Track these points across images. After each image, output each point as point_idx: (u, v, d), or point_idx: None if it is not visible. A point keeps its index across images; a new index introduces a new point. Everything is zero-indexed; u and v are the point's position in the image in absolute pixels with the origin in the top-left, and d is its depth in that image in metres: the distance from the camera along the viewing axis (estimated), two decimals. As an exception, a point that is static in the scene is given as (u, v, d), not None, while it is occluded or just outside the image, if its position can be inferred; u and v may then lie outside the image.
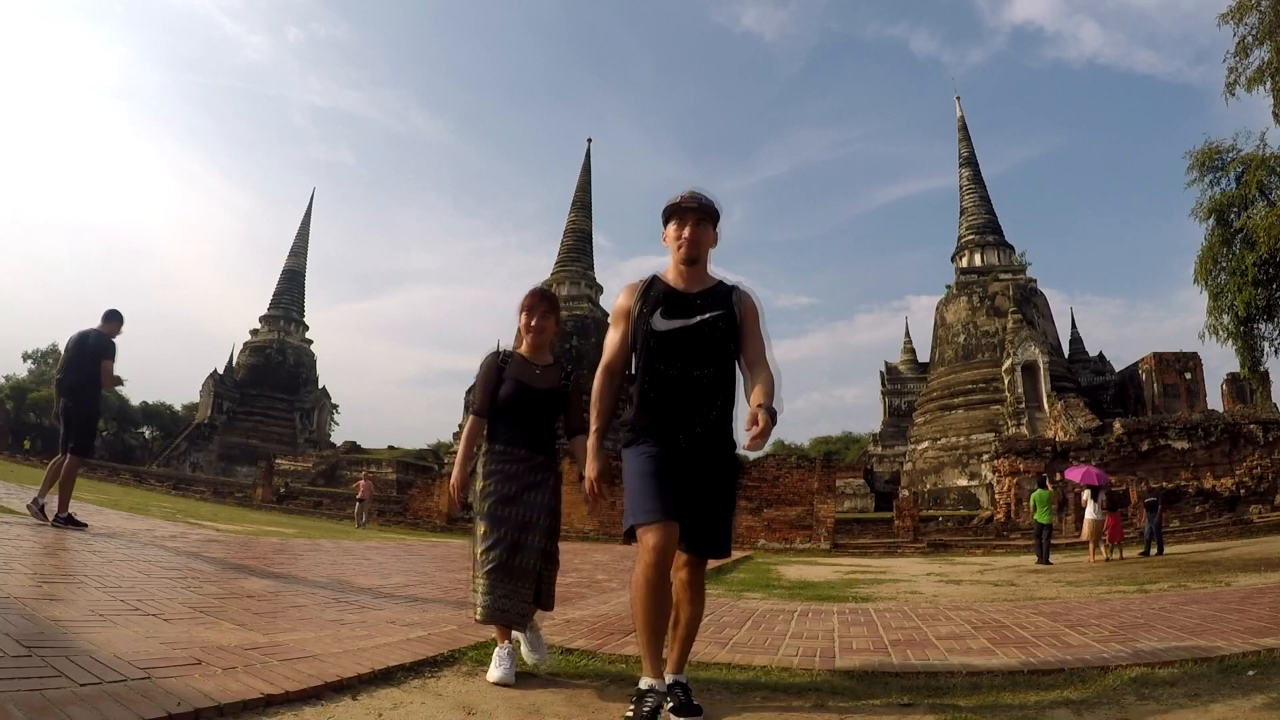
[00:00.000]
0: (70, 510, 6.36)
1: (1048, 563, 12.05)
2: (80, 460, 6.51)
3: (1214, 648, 3.20)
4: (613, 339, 2.44)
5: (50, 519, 6.25)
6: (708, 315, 2.32)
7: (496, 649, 2.70)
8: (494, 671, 2.59)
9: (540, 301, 3.01)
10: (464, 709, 2.24)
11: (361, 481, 21.43)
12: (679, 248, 2.37)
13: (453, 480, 2.93)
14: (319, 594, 4.37)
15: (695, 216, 2.36)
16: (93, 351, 6.48)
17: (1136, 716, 2.27)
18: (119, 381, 6.69)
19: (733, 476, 2.40)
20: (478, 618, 2.72)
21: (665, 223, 2.42)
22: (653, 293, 2.38)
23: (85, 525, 6.36)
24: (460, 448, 3.01)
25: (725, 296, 2.37)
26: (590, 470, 2.40)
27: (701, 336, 2.31)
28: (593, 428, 2.41)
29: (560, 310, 3.17)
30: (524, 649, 2.88)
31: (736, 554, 14.51)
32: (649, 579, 2.12)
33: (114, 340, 6.69)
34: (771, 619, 4.47)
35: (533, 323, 2.98)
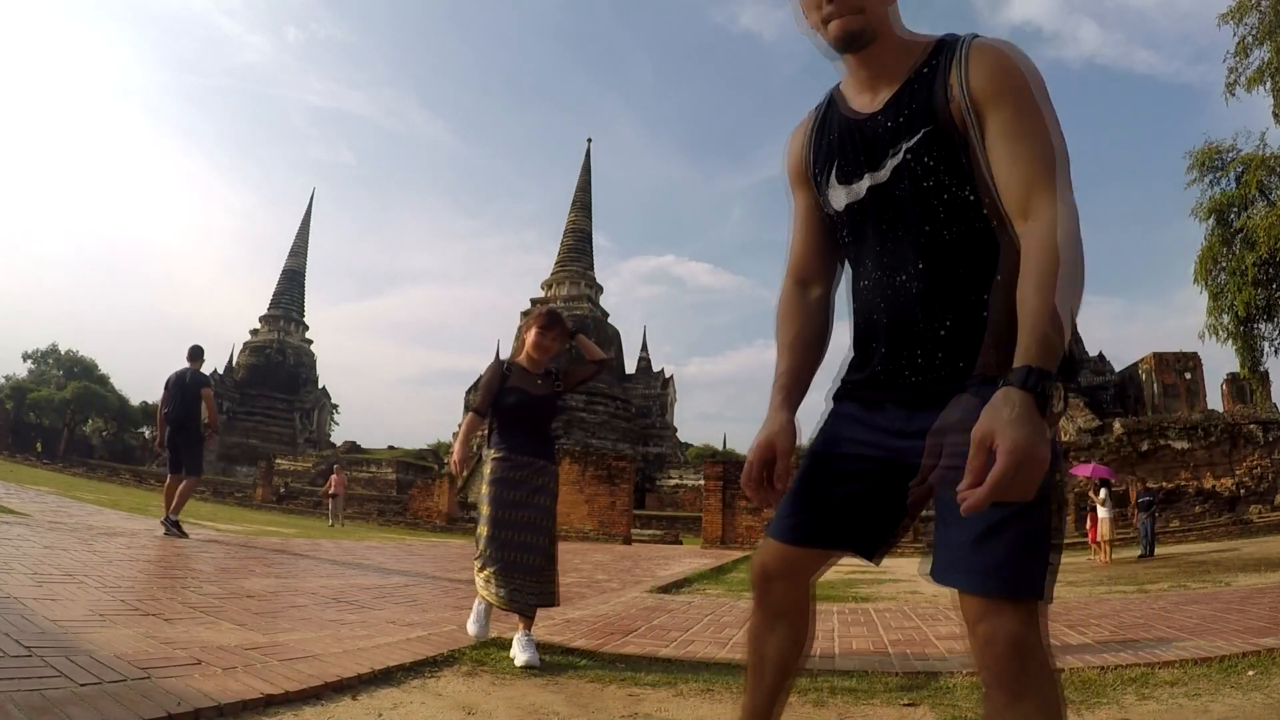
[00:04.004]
0: (178, 518, 7.14)
1: (1048, 563, 12.00)
2: (196, 479, 7.54)
3: (1214, 648, 3.19)
4: (797, 216, 1.32)
5: (175, 529, 6.99)
6: (902, 148, 1.11)
7: (517, 635, 2.92)
8: (521, 656, 2.81)
9: (556, 325, 3.30)
10: (464, 709, 2.24)
11: (334, 476, 19.12)
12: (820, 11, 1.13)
13: (455, 456, 3.27)
14: (319, 594, 4.37)
15: None
16: (193, 386, 7.49)
17: (1137, 716, 2.27)
18: (218, 410, 7.37)
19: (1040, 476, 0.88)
20: (499, 605, 2.99)
21: None
22: (829, 127, 1.22)
23: (187, 535, 7.09)
24: (459, 437, 3.27)
25: (928, 87, 1.10)
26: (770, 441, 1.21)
27: (892, 205, 1.13)
28: (777, 377, 1.26)
29: (568, 331, 3.43)
30: (515, 649, 2.92)
31: (736, 554, 14.45)
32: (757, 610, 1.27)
33: (206, 374, 7.82)
34: (771, 619, 4.47)
35: (545, 344, 3.27)
